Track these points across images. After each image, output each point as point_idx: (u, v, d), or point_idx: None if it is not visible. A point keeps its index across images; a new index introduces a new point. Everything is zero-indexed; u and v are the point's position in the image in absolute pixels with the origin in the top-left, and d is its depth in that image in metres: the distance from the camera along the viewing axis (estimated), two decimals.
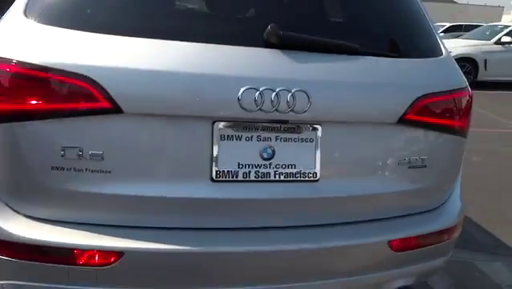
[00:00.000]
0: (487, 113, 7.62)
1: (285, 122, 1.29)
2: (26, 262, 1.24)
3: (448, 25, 16.86)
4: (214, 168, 1.26)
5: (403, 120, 1.39)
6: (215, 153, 1.26)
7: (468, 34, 12.57)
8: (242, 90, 1.20)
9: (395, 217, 1.50)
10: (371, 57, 1.40)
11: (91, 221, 1.25)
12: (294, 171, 1.32)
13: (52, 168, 1.20)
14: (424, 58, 1.54)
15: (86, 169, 1.21)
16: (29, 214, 1.26)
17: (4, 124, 1.20)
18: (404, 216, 1.52)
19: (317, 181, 1.35)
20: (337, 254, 1.39)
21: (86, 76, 1.16)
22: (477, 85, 10.58)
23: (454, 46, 10.90)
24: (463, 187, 1.78)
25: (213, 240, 1.28)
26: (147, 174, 1.25)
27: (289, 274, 1.36)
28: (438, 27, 16.99)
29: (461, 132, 1.59)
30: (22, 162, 1.22)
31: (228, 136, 1.27)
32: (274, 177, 1.31)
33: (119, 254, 1.22)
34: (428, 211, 1.58)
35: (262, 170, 1.30)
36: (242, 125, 1.27)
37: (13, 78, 1.18)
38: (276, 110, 1.23)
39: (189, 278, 1.29)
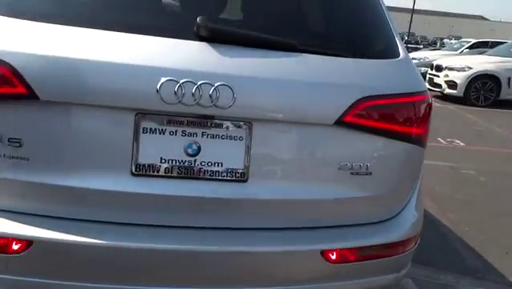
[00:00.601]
0: (504, 132, 7.34)
1: (211, 117, 1.24)
2: None
3: (473, 41, 16.38)
4: (135, 162, 1.23)
5: (341, 122, 1.31)
6: (136, 147, 1.22)
7: (492, 50, 12.18)
8: (162, 81, 1.16)
9: (334, 227, 1.41)
10: (310, 55, 1.33)
11: (5, 209, 1.23)
12: (220, 169, 1.27)
13: None
14: (376, 59, 1.46)
15: (3, 155, 1.20)
16: None
17: None
18: (346, 226, 1.43)
19: (245, 181, 1.29)
20: (262, 260, 1.32)
21: (2, 61, 1.15)
22: (499, 104, 10.26)
23: (477, 62, 10.60)
24: (467, 204, 1.67)
25: (129, 235, 1.24)
26: (66, 164, 1.22)
27: (205, 278, 1.30)
28: (464, 43, 16.54)
29: (415, 139, 1.49)
30: None
31: (151, 129, 1.23)
32: (199, 174, 1.26)
33: (28, 241, 1.19)
34: (376, 223, 1.48)
35: (186, 165, 1.25)
36: (166, 119, 1.23)
37: None
38: (198, 104, 1.19)
39: (99, 272, 1.25)
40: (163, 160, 1.24)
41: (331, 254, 1.35)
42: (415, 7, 31.85)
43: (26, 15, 1.22)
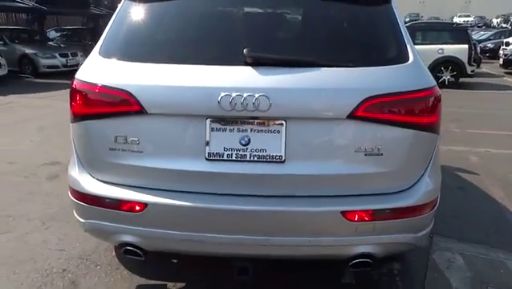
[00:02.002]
0: None
1: (256, 118, 1.81)
2: (96, 207, 1.97)
3: None
4: (207, 151, 1.84)
5: (352, 116, 1.78)
6: (208, 140, 1.84)
7: None
8: (221, 96, 1.76)
9: (352, 195, 1.87)
10: (327, 68, 1.83)
11: (130, 184, 1.93)
12: (264, 154, 1.83)
13: (110, 149, 1.92)
14: (386, 65, 1.89)
15: (128, 150, 1.90)
16: (98, 178, 1.99)
17: (83, 122, 1.96)
18: (363, 195, 1.88)
19: (283, 162, 1.82)
20: (297, 217, 1.84)
21: (126, 91, 1.84)
22: None
23: None
24: None
25: (206, 200, 1.85)
26: (165, 154, 1.88)
27: (259, 229, 1.85)
28: None
29: (425, 127, 1.89)
30: (93, 145, 1.96)
31: (216, 128, 1.83)
32: (250, 158, 1.83)
33: (145, 204, 1.87)
34: (391, 193, 1.91)
35: (241, 153, 1.83)
36: (226, 120, 1.82)
37: (87, 92, 1.93)
38: (245, 109, 1.76)
39: (190, 225, 1.88)
40: (225, 149, 1.83)
41: (349, 215, 1.82)
42: None
43: (137, 60, 1.92)
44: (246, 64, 1.82)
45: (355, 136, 1.83)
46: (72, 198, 2.07)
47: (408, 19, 41.38)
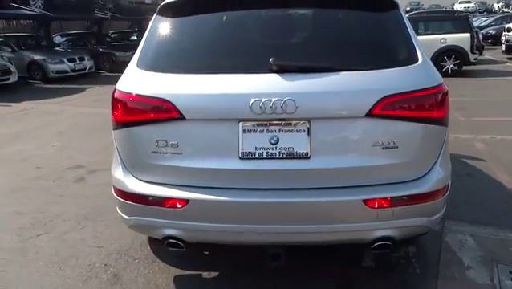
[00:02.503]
0: None
1: (283, 120, 2.01)
2: (140, 205, 2.19)
3: None
4: (240, 150, 2.05)
5: (370, 115, 1.98)
6: (240, 141, 2.04)
7: None
8: (252, 101, 1.96)
9: (373, 185, 2.07)
10: (345, 72, 2.03)
11: (172, 182, 2.14)
12: (292, 151, 2.03)
13: (152, 152, 2.13)
14: (399, 67, 2.09)
15: (169, 152, 2.11)
16: (141, 178, 2.21)
17: (126, 128, 2.17)
18: (382, 184, 2.08)
19: (309, 158, 2.03)
20: (325, 207, 2.05)
21: (166, 99, 2.05)
22: None
23: None
24: None
25: (241, 195, 2.07)
26: (203, 154, 2.09)
27: (291, 218, 2.07)
28: None
29: (435, 120, 2.09)
30: (136, 149, 2.18)
31: (248, 129, 2.04)
32: (279, 155, 2.03)
33: (186, 201, 2.09)
34: (407, 181, 2.11)
35: (271, 151, 2.04)
36: (257, 123, 2.03)
37: (129, 101, 2.15)
38: (274, 112, 1.96)
39: (228, 217, 2.09)
40: (256, 148, 2.04)
41: (370, 202, 2.03)
42: None
43: (174, 71, 2.13)
44: (273, 72, 2.02)
45: (372, 132, 2.03)
46: (117, 197, 2.29)
47: (408, 8, 41.33)
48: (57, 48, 15.22)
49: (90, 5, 15.47)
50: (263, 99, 1.96)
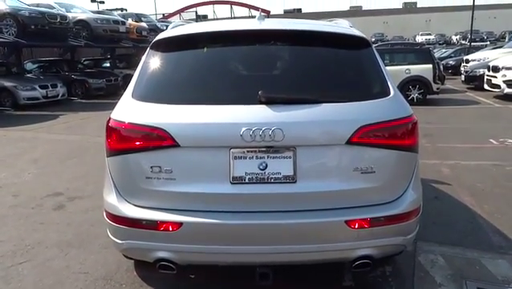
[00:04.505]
0: None
1: (272, 147, 2.18)
2: (134, 229, 2.28)
3: None
4: (232, 175, 2.19)
5: (350, 142, 2.19)
6: (232, 167, 2.19)
7: None
8: (243, 130, 2.13)
9: (354, 207, 2.26)
10: (328, 103, 2.24)
11: (165, 207, 2.25)
12: (279, 176, 2.20)
13: (146, 177, 2.24)
14: (374, 99, 2.32)
15: (163, 178, 2.23)
16: (134, 203, 2.31)
17: (120, 156, 2.29)
18: (362, 206, 2.27)
19: (295, 182, 2.20)
20: (309, 228, 2.21)
21: (160, 128, 2.19)
22: None
23: None
24: None
25: (232, 218, 2.20)
26: (195, 180, 2.22)
27: (275, 239, 2.21)
28: None
29: (407, 147, 2.32)
30: (131, 175, 2.29)
31: (239, 156, 2.20)
32: (267, 180, 2.19)
33: (180, 224, 2.20)
34: (384, 203, 2.31)
35: (260, 176, 2.19)
36: (247, 150, 2.19)
37: (124, 130, 2.27)
38: (263, 140, 2.14)
39: (219, 239, 2.21)
40: (246, 174, 2.20)
41: (351, 223, 2.20)
42: (476, 3, 30.76)
43: (168, 102, 2.27)
44: (261, 103, 2.20)
45: (352, 158, 2.23)
46: (110, 222, 2.37)
47: (374, 39, 43.25)
48: (28, 75, 15.02)
49: (64, 33, 15.44)
50: (253, 128, 2.13)
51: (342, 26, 2.82)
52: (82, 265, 3.20)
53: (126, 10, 28.65)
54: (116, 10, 26.39)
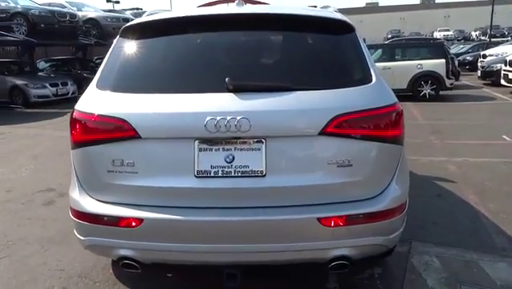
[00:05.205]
0: None
1: (239, 138, 2.02)
2: (95, 225, 2.15)
3: None
4: (196, 169, 2.05)
5: (323, 133, 2.01)
6: (196, 160, 2.05)
7: None
8: (207, 120, 1.98)
9: (328, 203, 2.08)
10: (300, 91, 2.06)
11: (127, 202, 2.12)
12: (247, 170, 2.04)
13: (108, 171, 2.11)
14: (352, 87, 2.13)
15: (125, 171, 2.10)
16: (97, 198, 2.18)
17: (82, 148, 2.16)
18: (337, 202, 2.09)
19: (264, 176, 2.03)
20: (278, 225, 2.04)
21: (121, 118, 2.06)
22: None
23: None
24: None
25: (196, 214, 2.05)
26: (158, 173, 2.08)
27: (243, 238, 2.05)
28: None
29: (389, 139, 2.12)
30: (93, 168, 2.16)
31: (204, 148, 2.05)
32: (234, 173, 2.04)
33: (141, 220, 2.06)
34: (363, 200, 2.12)
35: (226, 170, 2.04)
36: (212, 141, 2.04)
37: (86, 121, 2.14)
38: (228, 131, 1.98)
39: (183, 237, 2.07)
40: (212, 167, 2.04)
41: (325, 221, 2.03)
42: None
43: (130, 91, 2.14)
44: (229, 91, 2.05)
45: (327, 151, 2.06)
46: (73, 218, 2.26)
47: (390, 36, 42.54)
48: (40, 73, 15.19)
49: (74, 31, 15.56)
50: (218, 118, 1.97)
51: (324, 11, 2.63)
52: (59, 262, 3.11)
53: (141, 9, 28.77)
54: (132, 9, 26.46)
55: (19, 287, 2.78)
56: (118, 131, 2.08)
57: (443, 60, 11.29)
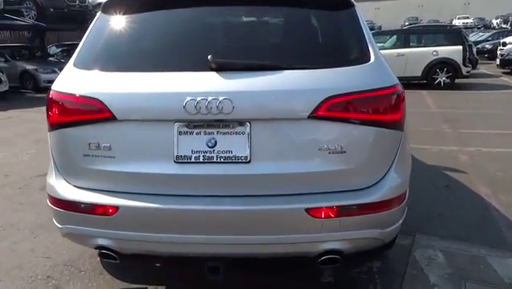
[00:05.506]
0: None
1: (221, 121, 1.86)
2: (71, 212, 2.03)
3: None
4: (176, 154, 1.90)
5: (314, 116, 1.84)
6: (176, 144, 1.89)
7: None
8: (186, 100, 1.82)
9: (319, 192, 1.91)
10: (290, 70, 1.89)
11: (104, 188, 1.99)
12: (230, 155, 1.88)
13: (84, 155, 1.98)
14: (346, 66, 1.95)
15: (102, 155, 1.96)
16: (74, 184, 2.06)
17: (58, 130, 2.03)
18: (329, 192, 1.92)
19: (249, 162, 1.87)
20: (262, 216, 1.89)
21: (96, 98, 1.91)
22: None
23: None
24: None
25: (175, 202, 1.91)
26: (136, 158, 1.94)
27: (225, 228, 1.90)
28: None
29: (388, 124, 1.94)
30: (69, 152, 2.03)
31: (184, 131, 1.89)
32: (216, 159, 1.88)
33: (117, 208, 1.93)
34: (356, 189, 1.95)
35: (208, 155, 1.88)
36: (193, 124, 1.88)
37: (62, 101, 2.01)
38: (210, 113, 1.82)
39: (161, 226, 1.93)
40: (193, 152, 1.89)
41: (313, 212, 1.86)
42: None
43: (107, 70, 1.99)
44: (211, 70, 1.88)
45: (317, 135, 1.88)
46: (50, 204, 2.14)
47: (407, 24, 41.51)
48: (50, 58, 15.21)
49: (83, 16, 15.47)
50: (198, 99, 1.81)
51: None
52: (47, 249, 3.02)
53: None
54: None
55: (2, 274, 2.70)
56: (93, 112, 1.93)
57: (460, 47, 10.87)
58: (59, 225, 2.13)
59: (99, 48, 2.15)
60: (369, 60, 1.99)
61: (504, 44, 14.80)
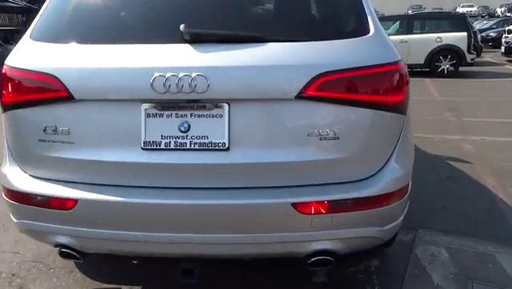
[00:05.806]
0: None
1: (196, 101, 1.60)
2: (26, 206, 1.78)
3: None
4: (143, 139, 1.64)
5: (302, 96, 1.57)
6: (143, 128, 1.64)
7: None
8: (154, 76, 1.56)
9: (308, 185, 1.66)
10: (273, 43, 1.62)
11: (61, 178, 1.74)
12: (206, 141, 1.62)
13: (39, 140, 1.72)
14: (341, 39, 1.68)
15: (59, 141, 1.70)
16: (29, 173, 1.80)
17: (10, 111, 1.77)
18: (319, 185, 1.67)
19: (227, 150, 1.62)
20: (242, 211, 1.63)
21: (51, 74, 1.65)
22: None
23: None
24: None
25: (141, 195, 1.66)
26: (98, 144, 1.68)
27: (200, 226, 1.66)
28: None
29: (388, 106, 1.68)
30: (22, 137, 1.77)
31: (153, 114, 1.63)
32: (190, 146, 1.63)
33: (75, 201, 1.68)
34: (351, 181, 1.70)
35: (180, 140, 1.63)
36: (163, 105, 1.62)
37: (15, 78, 1.74)
38: (181, 91, 1.56)
39: (125, 223, 1.69)
40: (163, 137, 1.63)
41: (301, 207, 1.61)
42: None
43: (66, 41, 1.73)
44: (184, 42, 1.62)
45: (306, 119, 1.62)
46: (4, 197, 1.89)
47: (410, 12, 40.95)
48: None
49: None
50: (168, 75, 1.55)
51: None
52: (17, 243, 2.77)
53: None
54: None
55: None
56: (48, 90, 1.67)
57: (464, 33, 10.52)
58: (15, 220, 1.88)
59: (58, 17, 1.88)
60: (368, 32, 1.72)
61: (509, 32, 14.45)
